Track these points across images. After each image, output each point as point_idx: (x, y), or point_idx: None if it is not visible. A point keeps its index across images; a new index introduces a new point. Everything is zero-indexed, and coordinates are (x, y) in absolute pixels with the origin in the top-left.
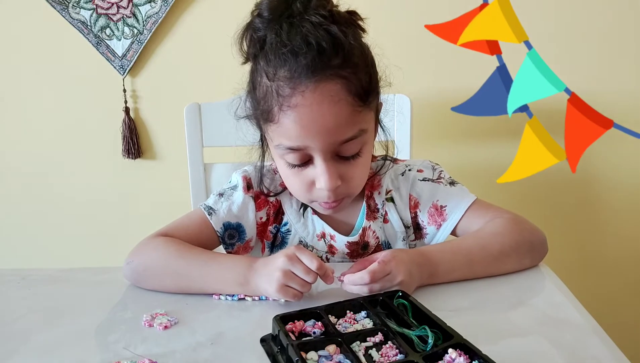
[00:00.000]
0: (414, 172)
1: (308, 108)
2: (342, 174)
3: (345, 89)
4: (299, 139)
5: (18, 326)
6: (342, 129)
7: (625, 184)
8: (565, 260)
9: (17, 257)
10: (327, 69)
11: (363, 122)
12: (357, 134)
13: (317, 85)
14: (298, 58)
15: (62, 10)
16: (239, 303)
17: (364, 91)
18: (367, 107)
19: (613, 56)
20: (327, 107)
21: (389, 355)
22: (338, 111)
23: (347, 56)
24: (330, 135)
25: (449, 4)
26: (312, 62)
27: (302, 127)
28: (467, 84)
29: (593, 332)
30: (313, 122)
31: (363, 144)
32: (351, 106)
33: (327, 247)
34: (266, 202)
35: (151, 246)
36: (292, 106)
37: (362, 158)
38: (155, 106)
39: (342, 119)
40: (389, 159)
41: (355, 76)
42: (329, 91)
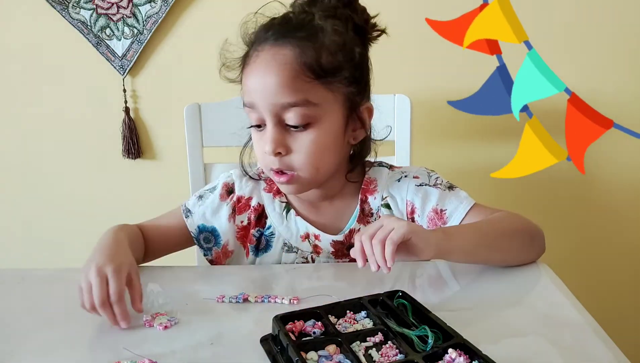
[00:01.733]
0: (410, 178)
1: (259, 65)
2: (288, 144)
3: (296, 55)
4: (249, 94)
5: (18, 326)
6: (283, 91)
7: (625, 184)
8: (565, 259)
9: (17, 257)
10: (288, 37)
11: (310, 95)
12: (300, 102)
13: (274, 48)
14: (270, 27)
15: (62, 10)
16: (240, 303)
17: (320, 67)
18: (320, 84)
19: (613, 56)
20: (274, 66)
21: (389, 355)
22: (282, 72)
23: (314, 33)
24: (271, 94)
25: (450, 4)
26: (278, 29)
27: (251, 82)
28: (467, 84)
29: (593, 332)
30: (259, 78)
31: (312, 120)
32: (297, 72)
33: (312, 247)
34: (247, 206)
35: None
36: (250, 63)
37: (311, 134)
38: (155, 106)
39: (284, 80)
40: (385, 165)
41: (314, 50)
42: (282, 55)
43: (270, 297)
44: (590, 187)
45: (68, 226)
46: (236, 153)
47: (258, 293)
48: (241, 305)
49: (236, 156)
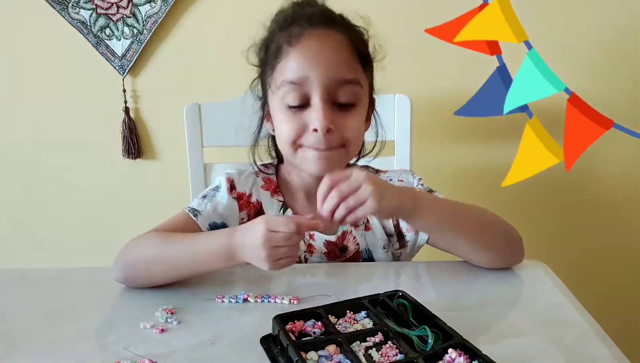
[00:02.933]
0: (395, 181)
1: (314, 41)
2: (335, 120)
3: (349, 40)
4: (302, 68)
5: (18, 326)
6: (342, 67)
7: (625, 184)
8: (565, 259)
9: (17, 257)
10: (334, 24)
11: (360, 76)
12: (355, 80)
13: (324, 31)
14: (311, 15)
15: (61, 10)
16: (240, 303)
17: (364, 54)
18: (363, 70)
19: (613, 56)
20: (331, 44)
21: (389, 355)
22: (340, 49)
23: (350, 26)
24: (331, 68)
25: (449, 4)
26: (323, 15)
27: (306, 58)
28: (467, 84)
29: (593, 332)
30: (317, 53)
31: (358, 99)
32: (351, 53)
33: (306, 246)
34: (248, 203)
35: (132, 244)
36: (301, 40)
37: (356, 111)
38: (155, 106)
39: (343, 57)
40: (371, 169)
41: (357, 38)
42: (335, 37)
43: (270, 297)
44: (590, 187)
45: (68, 226)
46: (236, 153)
47: (257, 293)
48: (241, 305)
49: (236, 156)
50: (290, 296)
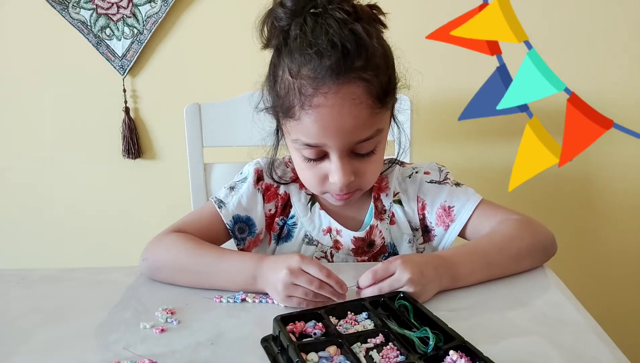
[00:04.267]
0: (421, 174)
1: (329, 109)
2: (355, 170)
3: (367, 91)
4: (318, 137)
5: (18, 326)
6: (360, 130)
7: (625, 184)
8: (565, 260)
9: (17, 257)
10: (350, 72)
11: (380, 123)
12: (374, 134)
13: (339, 87)
14: (322, 59)
15: (62, 10)
16: (239, 303)
17: (384, 92)
18: (385, 108)
19: (613, 56)
20: (348, 109)
21: (389, 357)
22: (358, 113)
23: (369, 57)
24: (349, 136)
25: (449, 4)
26: (337, 64)
27: (321, 127)
28: (467, 84)
29: (593, 332)
30: (333, 122)
31: (378, 143)
32: (371, 108)
33: (333, 242)
34: (275, 194)
35: (164, 243)
36: (313, 105)
37: (376, 155)
38: (155, 106)
39: (361, 121)
40: (396, 162)
41: (377, 78)
42: (351, 94)
43: (268, 297)
44: (590, 187)
45: (68, 226)
46: (236, 153)
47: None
48: (241, 305)
49: (236, 156)
50: None
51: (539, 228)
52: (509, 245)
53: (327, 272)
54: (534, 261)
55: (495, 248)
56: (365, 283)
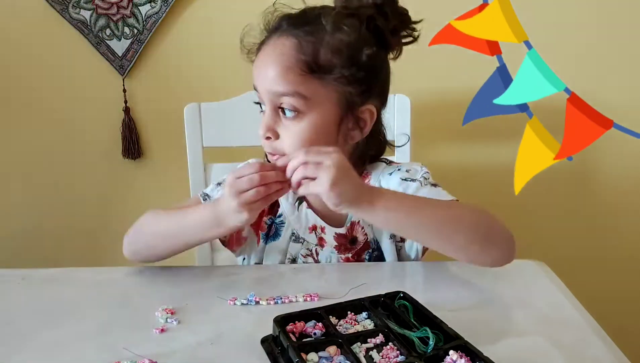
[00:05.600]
0: (402, 172)
1: (262, 53)
2: (277, 130)
3: (296, 49)
4: (254, 79)
5: (18, 326)
6: (276, 81)
7: (625, 184)
8: (565, 259)
9: (17, 257)
10: (292, 29)
11: (302, 88)
12: (290, 93)
13: (277, 39)
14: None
15: (62, 11)
16: (246, 305)
17: (316, 63)
18: (313, 78)
19: (613, 56)
20: (272, 56)
21: (389, 357)
22: (279, 62)
23: (318, 29)
24: (268, 82)
25: (449, 4)
26: (286, 22)
27: (255, 69)
28: (467, 84)
29: (593, 332)
30: (261, 65)
31: (301, 111)
32: (291, 64)
33: (317, 239)
34: None
35: (140, 220)
36: (260, 48)
37: (300, 124)
38: (155, 106)
39: (279, 70)
40: (384, 161)
41: (313, 45)
42: (281, 44)
43: (284, 298)
44: (590, 187)
45: (68, 226)
46: (236, 153)
47: (263, 292)
48: (241, 305)
49: (236, 156)
50: (302, 293)
51: (495, 219)
52: (447, 206)
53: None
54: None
55: (431, 203)
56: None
